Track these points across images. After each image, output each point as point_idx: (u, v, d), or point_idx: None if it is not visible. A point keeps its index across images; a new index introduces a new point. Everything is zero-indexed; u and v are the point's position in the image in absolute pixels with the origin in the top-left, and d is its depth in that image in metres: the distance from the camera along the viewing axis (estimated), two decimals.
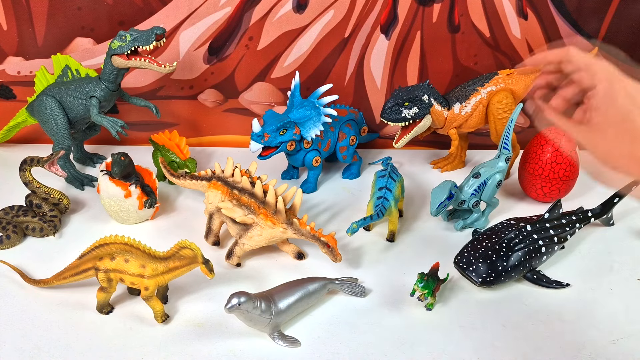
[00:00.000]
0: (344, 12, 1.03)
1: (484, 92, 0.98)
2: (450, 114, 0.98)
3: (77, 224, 0.91)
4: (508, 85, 0.98)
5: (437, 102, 0.96)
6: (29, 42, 1.05)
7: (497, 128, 0.99)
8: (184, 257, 0.69)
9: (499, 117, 0.97)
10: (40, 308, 0.73)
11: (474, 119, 0.99)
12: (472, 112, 0.98)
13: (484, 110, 0.98)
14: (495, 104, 0.97)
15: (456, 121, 0.99)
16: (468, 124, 0.99)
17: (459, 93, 0.99)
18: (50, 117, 0.95)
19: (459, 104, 0.98)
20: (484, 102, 0.98)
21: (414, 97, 0.94)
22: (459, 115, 0.98)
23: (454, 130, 1.00)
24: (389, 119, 0.94)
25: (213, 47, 1.06)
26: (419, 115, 0.95)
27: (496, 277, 0.75)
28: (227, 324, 0.71)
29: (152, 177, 0.92)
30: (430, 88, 0.95)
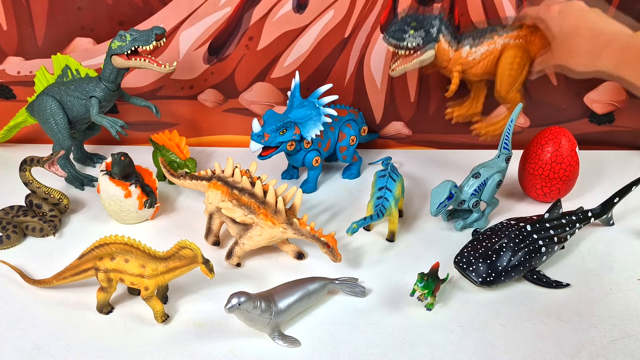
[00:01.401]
0: (344, 12, 1.03)
1: (499, 42, 0.91)
2: (456, 55, 0.91)
3: (77, 224, 0.91)
4: (526, 43, 0.91)
5: (445, 38, 0.90)
6: (29, 42, 1.05)
7: (502, 82, 0.92)
8: (184, 257, 0.69)
9: (507, 74, 0.91)
10: (40, 308, 0.73)
11: (480, 68, 0.92)
12: (480, 61, 0.91)
13: (493, 61, 0.91)
14: (508, 58, 0.90)
15: (460, 64, 0.92)
16: (473, 71, 0.93)
17: (473, 35, 0.92)
18: (50, 117, 0.95)
19: (468, 47, 0.91)
20: (496, 54, 0.91)
21: (422, 24, 0.88)
22: (465, 60, 0.91)
23: (456, 73, 0.93)
24: (390, 37, 0.89)
25: (213, 47, 1.06)
26: (421, 46, 0.88)
27: (496, 277, 0.75)
28: (227, 324, 0.71)
29: (152, 177, 0.92)
30: (442, 21, 0.89)
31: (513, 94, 0.91)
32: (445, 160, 1.11)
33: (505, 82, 0.92)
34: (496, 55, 0.91)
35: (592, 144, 1.14)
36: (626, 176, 0.95)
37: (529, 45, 0.91)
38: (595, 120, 1.13)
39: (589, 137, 1.14)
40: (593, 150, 1.13)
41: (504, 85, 0.93)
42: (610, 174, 1.05)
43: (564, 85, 1.09)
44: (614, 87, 1.09)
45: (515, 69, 0.91)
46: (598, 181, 1.03)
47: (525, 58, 0.91)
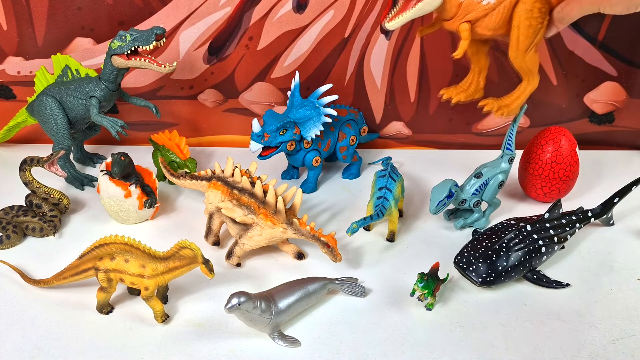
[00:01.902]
0: (344, 12, 1.03)
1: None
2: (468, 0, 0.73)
3: (77, 224, 0.91)
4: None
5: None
6: (29, 42, 1.05)
7: (519, 38, 0.75)
8: (184, 257, 0.69)
9: (527, 24, 0.74)
10: (40, 308, 0.73)
11: (495, 18, 0.75)
12: (496, 6, 0.74)
13: (509, 9, 0.74)
14: (526, 4, 0.73)
15: (473, 12, 0.74)
16: (486, 22, 0.75)
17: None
18: (50, 117, 0.95)
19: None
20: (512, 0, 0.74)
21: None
22: (479, 5, 0.74)
23: (466, 24, 0.75)
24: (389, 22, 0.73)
25: (213, 47, 1.06)
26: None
27: (496, 277, 0.75)
28: (227, 324, 0.71)
29: (152, 177, 0.92)
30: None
31: (531, 54, 0.74)
32: (445, 160, 1.11)
33: (524, 36, 0.75)
34: (513, 1, 0.74)
35: (592, 144, 1.14)
36: (626, 176, 0.95)
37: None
38: (595, 120, 1.13)
39: (589, 137, 1.14)
40: (593, 150, 1.13)
41: (523, 40, 0.75)
42: (610, 174, 1.05)
43: (564, 85, 1.09)
44: (614, 87, 1.09)
45: (535, 17, 0.75)
46: (598, 181, 1.03)
47: (545, 4, 0.75)
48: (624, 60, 1.07)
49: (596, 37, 1.04)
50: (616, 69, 1.07)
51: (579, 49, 1.05)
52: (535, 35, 0.76)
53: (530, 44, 0.77)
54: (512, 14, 0.75)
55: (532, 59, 0.79)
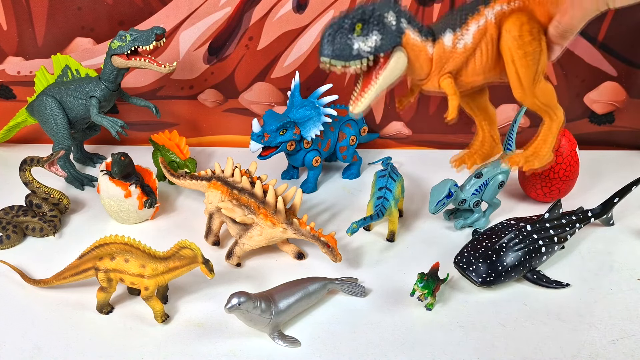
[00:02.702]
0: None
1: (489, 14, 0.59)
2: (438, 48, 0.59)
3: (77, 224, 0.91)
4: (527, 3, 0.60)
5: (412, 27, 0.58)
6: (29, 42, 1.05)
7: (519, 74, 0.59)
8: (184, 257, 0.69)
9: (520, 54, 0.58)
10: (40, 308, 0.73)
11: (480, 60, 0.60)
12: (475, 46, 0.60)
13: (493, 44, 0.60)
14: (512, 31, 0.58)
15: (449, 61, 0.60)
16: (471, 68, 0.61)
17: (450, 19, 0.61)
18: (50, 117, 0.95)
19: (451, 33, 0.60)
20: (493, 31, 0.59)
21: (371, 15, 0.56)
22: (453, 51, 0.60)
23: (447, 79, 0.60)
24: (331, 54, 0.55)
25: (213, 47, 1.06)
26: (384, 46, 0.56)
27: (496, 277, 0.75)
28: (227, 324, 0.71)
29: (152, 177, 0.92)
30: (397, 5, 0.57)
31: (542, 86, 0.60)
32: (445, 160, 1.11)
33: (524, 68, 0.60)
34: (493, 33, 0.60)
35: (592, 144, 1.14)
36: (626, 176, 0.95)
37: (531, 5, 0.60)
38: (595, 120, 1.13)
39: (589, 137, 1.14)
40: (593, 150, 1.13)
41: (524, 74, 0.60)
42: (610, 174, 1.05)
43: (564, 85, 1.09)
44: (614, 87, 1.09)
45: (528, 42, 0.60)
46: (598, 181, 1.03)
47: (534, 24, 0.59)
48: (624, 60, 1.07)
49: (596, 37, 1.04)
50: (616, 69, 1.07)
51: (579, 49, 1.05)
52: (537, 63, 0.60)
53: (534, 75, 0.60)
54: (499, 49, 0.60)
55: (544, 91, 0.63)
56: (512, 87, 0.62)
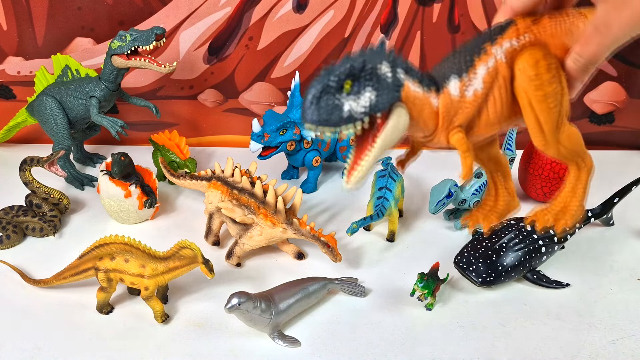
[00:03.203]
0: (344, 12, 1.03)
1: (498, 53, 0.48)
2: (444, 100, 0.48)
3: (77, 224, 0.91)
4: (539, 36, 0.48)
5: (411, 77, 0.46)
6: (29, 42, 1.05)
7: (539, 119, 0.48)
8: (183, 257, 0.69)
9: (540, 96, 0.47)
10: (40, 308, 0.73)
11: (494, 108, 0.48)
12: (487, 93, 0.48)
13: (507, 89, 0.48)
14: (527, 70, 0.47)
15: (459, 113, 0.48)
16: (484, 119, 0.49)
17: (452, 62, 0.49)
18: (50, 117, 0.95)
19: (456, 80, 0.48)
20: (505, 72, 0.48)
21: (361, 69, 0.43)
22: (462, 101, 0.48)
23: (458, 134, 0.48)
24: (318, 120, 0.44)
25: (213, 47, 1.06)
26: (380, 104, 0.44)
27: (496, 277, 0.75)
28: (227, 324, 0.71)
29: (152, 177, 0.92)
30: (392, 54, 0.45)
31: (567, 131, 0.49)
32: (445, 160, 1.11)
33: (545, 113, 0.48)
34: (506, 74, 0.48)
35: (592, 144, 1.14)
36: (626, 176, 0.95)
37: (543, 38, 0.48)
38: (595, 120, 1.13)
39: (589, 137, 1.14)
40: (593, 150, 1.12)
41: (545, 119, 0.48)
42: (610, 174, 1.05)
43: None
44: (614, 87, 1.09)
45: (547, 81, 0.47)
46: (598, 181, 1.03)
47: (551, 59, 0.48)
48: (624, 60, 1.07)
49: None
50: (616, 69, 1.07)
51: None
52: (559, 105, 0.47)
53: (557, 120, 0.48)
54: (514, 92, 0.48)
55: (570, 136, 0.50)
56: (532, 136, 0.49)
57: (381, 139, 0.45)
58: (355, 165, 0.46)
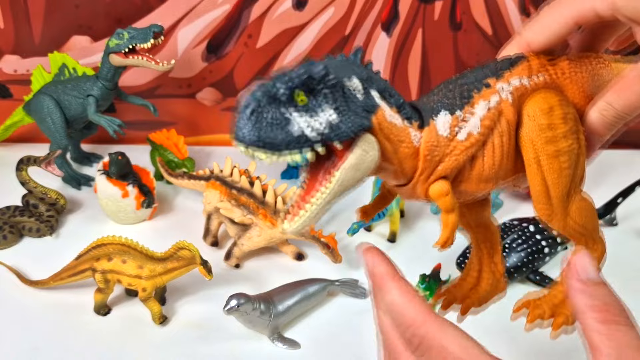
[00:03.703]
0: (345, 9, 1.02)
1: (505, 90, 0.37)
2: (428, 137, 0.35)
3: (74, 224, 0.90)
4: (556, 78, 0.38)
5: (389, 102, 0.34)
6: (26, 40, 1.04)
7: (546, 181, 0.37)
8: (182, 258, 0.68)
9: (551, 152, 0.36)
10: (37, 309, 0.72)
11: (491, 158, 0.36)
12: (484, 138, 0.36)
13: (511, 136, 0.37)
14: (536, 118, 0.36)
15: (445, 158, 0.35)
16: (477, 170, 0.36)
17: (446, 93, 0.37)
18: (47, 116, 0.94)
19: (447, 115, 0.36)
20: (510, 115, 0.36)
21: (321, 80, 0.31)
22: (452, 143, 0.35)
23: (441, 184, 0.35)
24: (254, 139, 0.30)
25: (212, 45, 1.05)
26: (343, 131, 0.31)
27: None
28: (226, 325, 0.70)
29: (150, 176, 0.92)
30: (367, 69, 0.35)
31: (578, 202, 0.38)
32: None
33: (555, 174, 0.37)
34: (511, 118, 0.36)
35: None
36: (629, 176, 0.94)
37: (560, 81, 0.38)
38: None
39: None
40: None
41: (554, 182, 0.37)
42: (613, 174, 1.04)
43: None
44: None
45: (561, 135, 0.36)
46: (601, 181, 1.02)
47: (569, 108, 0.37)
48: None
49: None
50: None
51: None
52: (574, 166, 0.37)
53: (569, 185, 0.37)
54: (518, 142, 0.36)
55: (582, 210, 0.39)
56: (535, 201, 0.38)
57: (339, 176, 0.32)
58: (298, 207, 0.33)
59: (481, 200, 0.42)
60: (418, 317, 0.33)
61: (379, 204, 0.42)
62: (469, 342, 0.33)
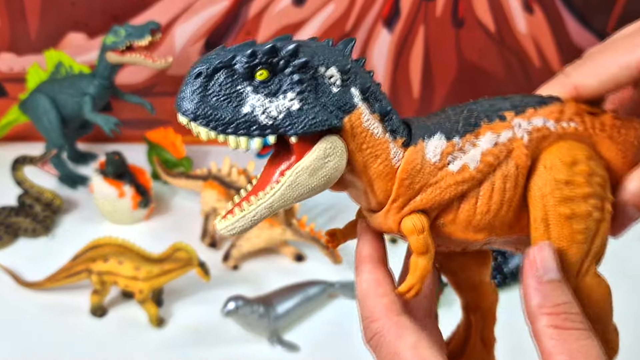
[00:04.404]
0: (345, 5, 1.00)
1: (522, 128, 0.29)
2: (411, 157, 0.28)
3: (70, 224, 0.89)
4: (592, 132, 0.31)
5: (371, 105, 0.28)
6: (22, 38, 1.03)
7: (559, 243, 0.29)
8: (179, 259, 0.68)
9: (565, 214, 0.28)
10: (33, 311, 0.71)
11: (487, 203, 0.29)
12: (482, 176, 0.29)
13: (517, 184, 0.29)
14: (554, 170, 0.29)
15: (427, 187, 0.29)
16: (465, 213, 0.29)
17: (447, 117, 0.30)
18: (43, 115, 0.93)
19: (442, 139, 0.29)
20: (521, 159, 0.29)
21: (289, 60, 0.26)
22: (440, 172, 0.29)
23: (417, 220, 0.29)
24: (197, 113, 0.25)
25: (210, 42, 1.04)
26: (305, 124, 0.26)
27: (502, 281, 0.74)
28: (224, 328, 0.69)
29: (147, 176, 0.91)
30: (355, 63, 0.29)
31: (592, 278, 0.31)
32: None
33: (566, 240, 0.29)
34: (522, 163, 0.29)
35: None
36: None
37: (596, 137, 0.31)
38: None
39: None
40: None
41: (563, 249, 0.29)
42: None
43: None
44: None
45: (581, 196, 0.29)
46: None
47: (598, 168, 0.30)
48: None
49: (604, 31, 1.02)
50: None
51: (585, 42, 1.03)
52: (590, 238, 0.30)
53: (581, 259, 0.30)
54: (526, 193, 0.30)
55: (594, 291, 0.32)
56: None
57: (288, 178, 0.27)
58: (240, 207, 0.28)
59: (477, 256, 0.35)
60: (375, 311, 0.30)
61: (350, 231, 0.35)
62: (426, 352, 0.28)
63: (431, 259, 0.29)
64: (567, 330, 0.28)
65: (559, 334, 0.28)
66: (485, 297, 0.38)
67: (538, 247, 0.29)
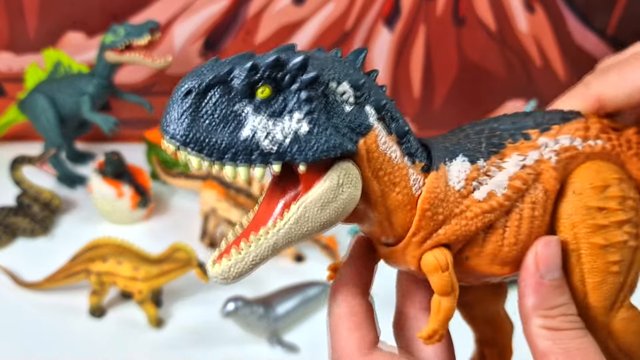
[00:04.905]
0: (345, 4, 1.00)
1: (548, 149, 0.27)
2: (432, 184, 0.26)
3: (69, 224, 0.89)
4: (619, 151, 0.28)
5: (388, 126, 0.25)
6: (20, 37, 1.02)
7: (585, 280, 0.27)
8: (178, 259, 0.67)
9: (598, 244, 0.26)
10: (31, 311, 0.71)
11: (517, 231, 0.26)
12: (510, 203, 0.26)
13: (546, 210, 0.27)
14: (584, 196, 0.26)
15: (452, 218, 0.26)
16: (492, 245, 0.26)
17: (468, 137, 0.28)
18: (41, 115, 0.93)
19: (466, 162, 0.26)
20: (550, 183, 0.26)
21: (296, 75, 0.22)
22: (465, 200, 0.26)
23: (440, 255, 0.26)
24: (185, 137, 0.22)
25: (209, 42, 1.03)
26: (315, 150, 0.23)
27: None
28: (224, 329, 0.69)
29: (146, 176, 0.90)
30: (368, 77, 0.25)
31: (627, 312, 0.27)
32: None
33: (598, 273, 0.26)
34: (550, 187, 0.26)
35: None
36: None
37: (624, 156, 0.29)
38: None
39: None
40: None
41: (597, 284, 0.26)
42: None
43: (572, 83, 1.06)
44: None
45: (615, 224, 0.26)
46: None
47: (631, 191, 0.28)
48: None
49: (605, 31, 1.01)
50: None
51: (587, 42, 1.02)
52: (626, 270, 0.27)
53: (616, 292, 0.27)
54: (554, 221, 0.27)
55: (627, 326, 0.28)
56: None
57: (295, 212, 0.23)
58: (241, 240, 0.24)
59: (495, 287, 0.33)
60: (346, 349, 0.27)
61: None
62: None
63: (455, 298, 0.26)
64: (564, 331, 0.26)
65: (554, 334, 0.26)
66: (502, 330, 0.35)
67: (545, 242, 0.26)
